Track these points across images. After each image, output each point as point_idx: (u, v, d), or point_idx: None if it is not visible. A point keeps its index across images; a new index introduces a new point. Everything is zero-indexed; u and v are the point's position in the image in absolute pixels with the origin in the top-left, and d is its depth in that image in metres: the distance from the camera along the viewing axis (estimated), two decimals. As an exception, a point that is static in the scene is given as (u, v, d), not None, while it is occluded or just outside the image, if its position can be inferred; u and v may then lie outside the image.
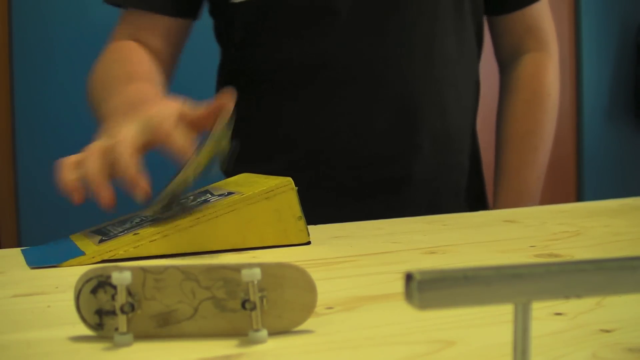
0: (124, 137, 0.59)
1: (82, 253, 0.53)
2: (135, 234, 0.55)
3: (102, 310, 0.32)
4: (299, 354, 0.31)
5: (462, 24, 0.89)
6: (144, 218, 0.60)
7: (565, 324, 0.35)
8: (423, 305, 0.22)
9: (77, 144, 1.65)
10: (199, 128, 0.63)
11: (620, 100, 2.21)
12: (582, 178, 2.17)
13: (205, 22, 1.02)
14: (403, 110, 0.85)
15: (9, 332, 0.35)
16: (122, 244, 0.53)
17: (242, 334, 0.33)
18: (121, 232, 0.56)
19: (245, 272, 0.31)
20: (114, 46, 0.91)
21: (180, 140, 0.59)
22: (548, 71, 0.97)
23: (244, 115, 0.74)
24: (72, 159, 0.61)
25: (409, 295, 0.22)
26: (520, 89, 0.97)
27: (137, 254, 0.54)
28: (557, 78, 0.99)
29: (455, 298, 0.22)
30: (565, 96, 2.09)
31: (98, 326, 0.32)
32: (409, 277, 0.22)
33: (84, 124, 1.51)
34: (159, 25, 0.90)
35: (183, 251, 0.55)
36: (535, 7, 0.96)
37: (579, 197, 2.13)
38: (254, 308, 0.32)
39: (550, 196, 1.69)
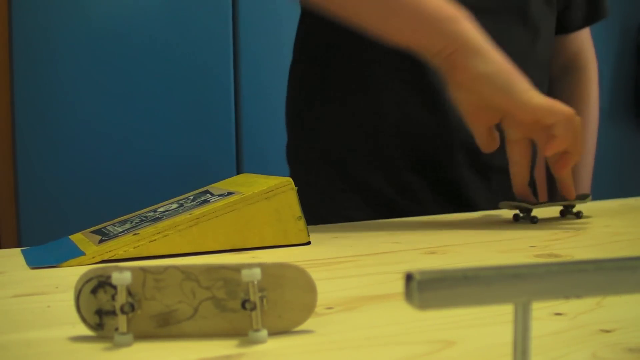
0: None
1: (82, 253, 0.53)
2: (135, 234, 0.55)
3: (102, 310, 0.32)
4: (299, 354, 0.31)
5: (550, 33, 0.96)
6: (144, 218, 0.60)
7: (565, 324, 0.35)
8: (423, 305, 0.22)
9: (77, 144, 1.66)
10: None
11: (620, 100, 2.21)
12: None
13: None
14: None
15: (9, 332, 0.35)
16: (122, 244, 0.53)
17: (242, 334, 0.33)
18: (121, 232, 0.56)
19: (245, 272, 0.31)
20: None
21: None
22: (594, 87, 1.07)
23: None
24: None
25: (409, 295, 0.22)
26: (574, 102, 1.03)
27: (137, 254, 0.54)
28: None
29: (455, 298, 0.22)
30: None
31: (98, 326, 0.32)
32: (409, 277, 0.22)
33: (84, 124, 1.52)
34: None
35: (183, 251, 0.55)
36: (587, 28, 1.05)
37: (579, 197, 2.12)
38: (254, 308, 0.32)
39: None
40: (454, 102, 0.71)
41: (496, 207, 0.90)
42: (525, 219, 0.73)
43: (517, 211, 0.75)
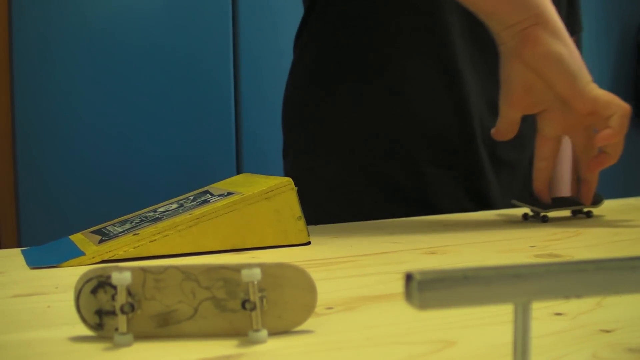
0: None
1: (82, 253, 0.53)
2: (135, 234, 0.55)
3: (102, 310, 0.32)
4: (299, 354, 0.31)
5: None
6: (144, 218, 0.60)
7: (565, 324, 0.35)
8: (423, 305, 0.22)
9: (77, 144, 1.66)
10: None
11: (620, 100, 2.21)
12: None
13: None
14: None
15: (9, 332, 0.35)
16: (122, 244, 0.53)
17: (242, 334, 0.33)
18: (121, 232, 0.56)
19: (245, 272, 0.31)
20: None
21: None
22: None
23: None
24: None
25: (409, 295, 0.22)
26: None
27: (137, 254, 0.54)
28: None
29: (455, 298, 0.22)
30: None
31: (98, 326, 0.32)
32: (409, 277, 0.22)
33: (84, 124, 1.52)
34: None
35: (183, 251, 0.55)
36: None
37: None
38: (254, 308, 0.32)
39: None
40: (505, 78, 0.70)
41: (508, 202, 0.91)
42: (535, 218, 0.74)
43: (527, 210, 0.75)
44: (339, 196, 0.90)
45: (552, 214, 0.75)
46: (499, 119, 0.73)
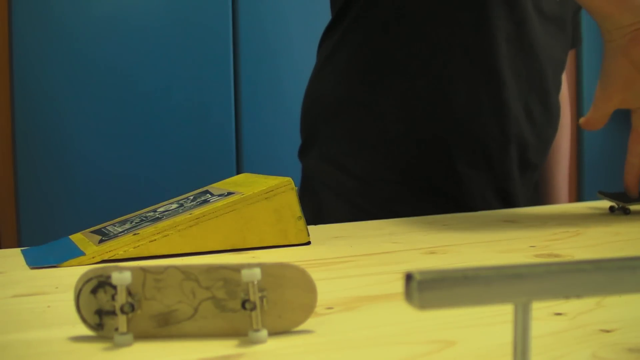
0: None
1: (82, 253, 0.53)
2: (135, 234, 0.55)
3: (102, 310, 0.32)
4: (299, 354, 0.31)
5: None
6: (144, 218, 0.60)
7: (565, 324, 0.35)
8: (423, 305, 0.22)
9: (77, 144, 1.66)
10: None
11: (620, 100, 2.21)
12: (582, 178, 2.16)
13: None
14: (546, 104, 0.95)
15: (9, 332, 0.35)
16: (122, 244, 0.53)
17: (242, 334, 0.33)
18: (121, 232, 0.56)
19: (245, 272, 0.31)
20: None
21: None
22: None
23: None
24: None
25: (409, 295, 0.22)
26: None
27: (137, 254, 0.54)
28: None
29: (455, 298, 0.22)
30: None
31: (98, 326, 0.32)
32: (409, 277, 0.22)
33: (84, 124, 1.52)
34: None
35: (183, 251, 0.55)
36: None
37: (579, 197, 2.13)
38: (254, 308, 0.32)
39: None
40: (607, 72, 0.75)
41: (528, 200, 0.94)
42: (620, 211, 0.78)
43: (613, 203, 0.79)
44: (370, 192, 0.90)
45: (635, 207, 0.79)
46: (592, 110, 0.78)
